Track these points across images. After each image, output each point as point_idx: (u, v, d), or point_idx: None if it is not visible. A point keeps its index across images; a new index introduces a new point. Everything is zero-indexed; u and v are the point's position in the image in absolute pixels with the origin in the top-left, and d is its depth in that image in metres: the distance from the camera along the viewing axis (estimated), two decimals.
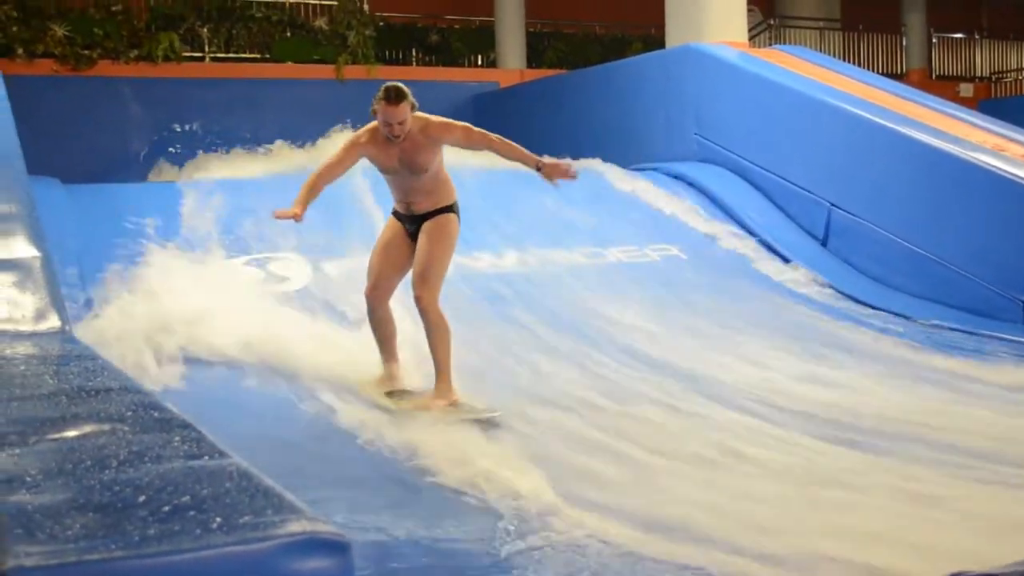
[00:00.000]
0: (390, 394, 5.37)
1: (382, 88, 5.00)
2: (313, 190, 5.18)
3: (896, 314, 7.56)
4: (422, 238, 5.26)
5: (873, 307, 7.74)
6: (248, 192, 8.29)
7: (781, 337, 6.89)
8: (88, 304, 6.23)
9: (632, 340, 6.64)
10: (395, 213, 5.46)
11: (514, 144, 5.20)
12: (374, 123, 5.16)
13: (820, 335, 7.07)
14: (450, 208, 5.33)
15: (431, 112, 5.20)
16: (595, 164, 10.12)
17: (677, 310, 7.35)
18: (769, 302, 7.79)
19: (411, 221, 5.34)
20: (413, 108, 5.03)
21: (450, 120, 5.19)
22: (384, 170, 5.29)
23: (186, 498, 1.84)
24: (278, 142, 13.33)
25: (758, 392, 5.70)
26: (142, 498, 1.85)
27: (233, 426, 4.49)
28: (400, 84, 5.03)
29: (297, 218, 5.07)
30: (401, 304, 5.62)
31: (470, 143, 5.18)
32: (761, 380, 5.93)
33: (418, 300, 5.19)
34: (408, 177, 5.21)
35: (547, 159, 5.17)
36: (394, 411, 5.13)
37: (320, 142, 12.47)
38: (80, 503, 1.83)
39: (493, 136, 5.18)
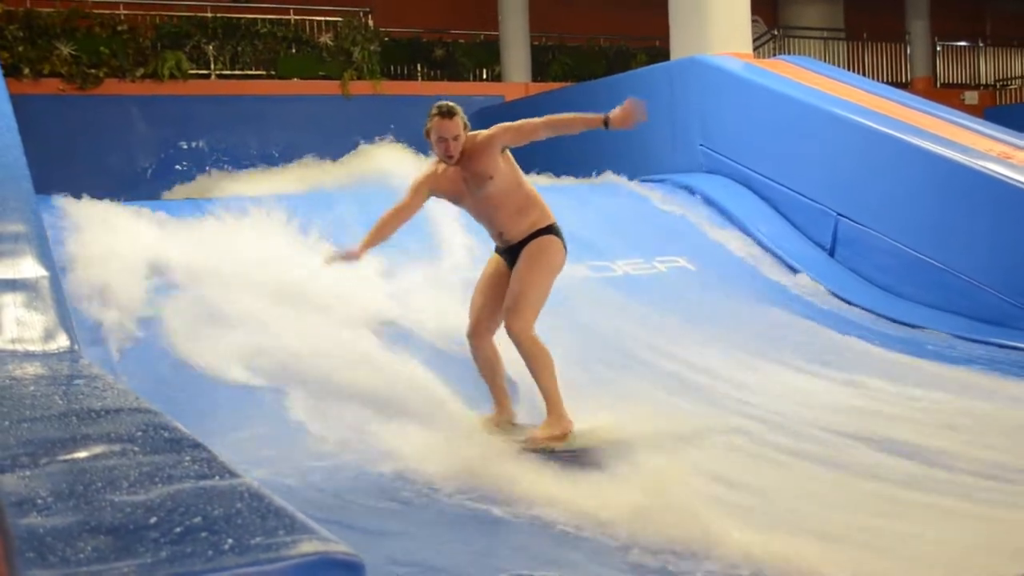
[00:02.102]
0: (500, 430, 5.12)
1: (434, 106, 4.95)
2: (380, 233, 5.06)
3: (904, 323, 7.55)
4: (518, 264, 5.03)
5: (882, 316, 7.73)
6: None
7: (788, 348, 6.87)
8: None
9: (651, 356, 6.62)
10: (496, 249, 5.28)
11: (571, 115, 5.02)
12: (431, 163, 5.11)
13: (827, 345, 7.05)
14: (548, 230, 5.09)
15: None
16: (601, 176, 10.14)
17: (689, 323, 7.33)
18: (777, 312, 7.78)
19: (510, 252, 5.14)
20: (466, 127, 4.97)
21: (501, 124, 5.05)
22: (457, 199, 5.15)
23: (198, 519, 1.83)
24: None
25: (773, 401, 5.70)
26: (153, 519, 1.85)
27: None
28: (451, 103, 4.96)
29: (357, 258, 4.99)
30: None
31: (530, 135, 5.00)
32: (780, 391, 5.93)
33: (508, 329, 4.97)
34: (481, 195, 5.03)
35: (613, 112, 4.89)
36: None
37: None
38: (91, 525, 1.83)
39: (548, 118, 5.01)
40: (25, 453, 2.36)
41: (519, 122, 5.03)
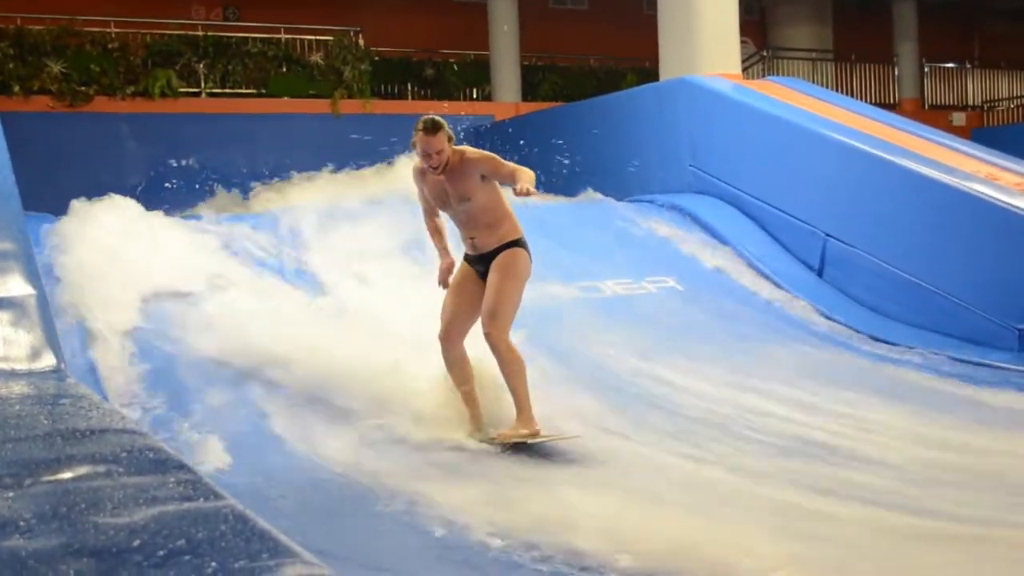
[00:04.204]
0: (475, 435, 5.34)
1: (420, 120, 5.22)
2: (437, 234, 5.61)
3: (892, 343, 7.56)
4: (491, 275, 5.31)
5: (869, 336, 7.74)
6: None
7: (778, 367, 6.87)
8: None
9: (635, 375, 6.61)
10: (466, 257, 5.54)
11: (524, 170, 5.20)
12: (417, 161, 5.37)
13: (815, 364, 7.06)
14: (517, 243, 5.39)
15: None
16: (591, 196, 10.16)
17: (676, 342, 7.33)
18: (766, 333, 7.79)
19: (480, 261, 5.41)
20: (451, 140, 5.22)
21: (487, 152, 5.36)
22: (439, 204, 5.45)
23: (181, 542, 1.82)
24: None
25: (754, 421, 5.70)
26: (137, 542, 1.83)
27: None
28: (436, 117, 5.22)
29: (452, 266, 5.51)
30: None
31: (500, 174, 5.25)
32: (759, 409, 5.93)
33: (487, 336, 5.24)
34: (459, 208, 5.32)
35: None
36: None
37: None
38: (74, 548, 1.82)
39: (514, 167, 5.23)
40: (9, 474, 2.35)
41: (500, 161, 5.29)
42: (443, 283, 5.54)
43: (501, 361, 5.24)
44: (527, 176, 5.11)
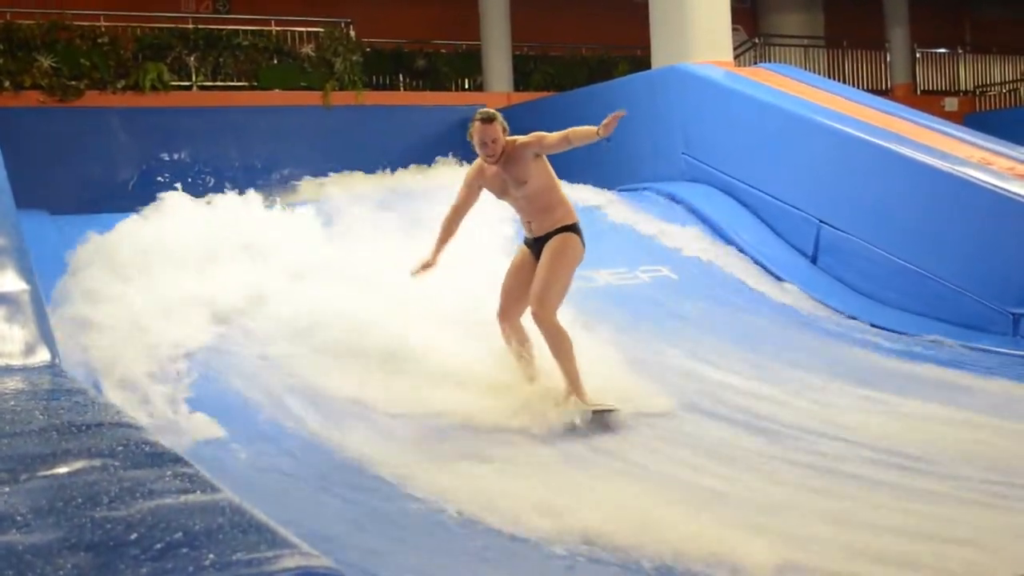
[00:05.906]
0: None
1: (477, 112, 5.58)
2: (447, 233, 5.76)
3: (887, 329, 7.57)
4: (542, 257, 5.60)
5: (863, 322, 7.75)
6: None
7: (771, 355, 6.88)
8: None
9: (633, 363, 6.60)
10: (524, 240, 5.87)
11: (582, 129, 5.45)
12: (478, 160, 5.67)
13: (810, 350, 7.07)
14: (571, 228, 5.66)
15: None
16: (583, 186, 10.13)
17: (671, 331, 7.33)
18: (760, 320, 7.79)
19: (536, 244, 5.71)
20: (505, 131, 5.54)
21: (534, 132, 5.61)
22: (499, 194, 5.73)
23: (179, 535, 1.82)
24: None
25: (753, 405, 5.72)
26: (134, 535, 1.83)
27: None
28: (491, 109, 5.60)
29: (432, 266, 5.72)
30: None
31: (553, 147, 5.52)
32: (760, 399, 5.93)
33: (534, 315, 5.53)
34: (518, 194, 5.61)
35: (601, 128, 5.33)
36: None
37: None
38: (71, 542, 1.81)
39: (566, 132, 5.48)
40: (5, 469, 2.35)
41: (546, 134, 5.56)
42: (414, 272, 5.75)
43: (548, 339, 5.48)
44: (586, 129, 5.36)
